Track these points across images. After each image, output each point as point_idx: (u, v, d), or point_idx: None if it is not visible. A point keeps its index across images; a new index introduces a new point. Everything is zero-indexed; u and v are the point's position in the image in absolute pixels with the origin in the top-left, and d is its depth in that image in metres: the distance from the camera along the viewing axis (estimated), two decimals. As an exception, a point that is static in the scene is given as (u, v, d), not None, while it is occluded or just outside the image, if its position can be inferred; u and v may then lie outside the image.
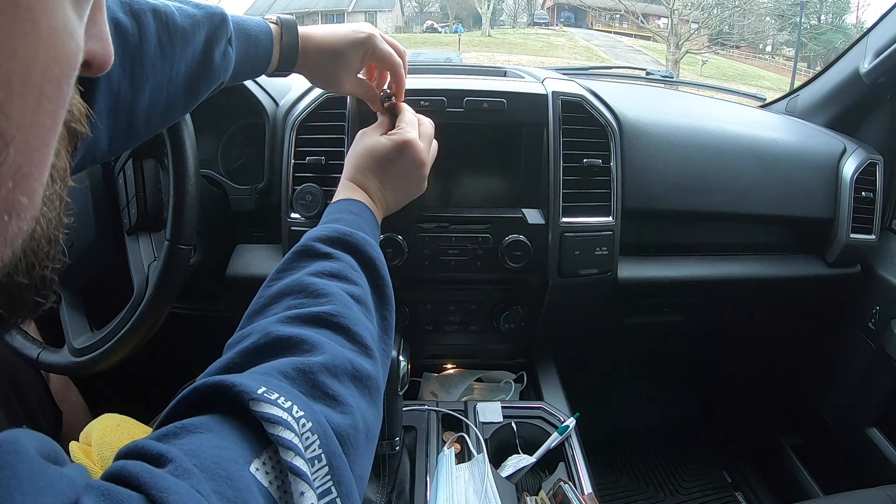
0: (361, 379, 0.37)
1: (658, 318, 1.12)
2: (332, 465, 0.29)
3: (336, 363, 0.35)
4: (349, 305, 0.41)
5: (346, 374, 0.36)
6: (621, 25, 19.10)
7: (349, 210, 0.53)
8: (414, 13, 20.25)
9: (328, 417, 0.32)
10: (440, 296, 0.87)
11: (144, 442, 0.26)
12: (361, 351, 0.39)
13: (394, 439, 0.66)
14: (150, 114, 0.47)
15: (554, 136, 0.80)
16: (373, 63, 0.64)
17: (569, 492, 0.64)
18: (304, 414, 0.30)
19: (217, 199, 0.82)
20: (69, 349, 0.67)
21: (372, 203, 0.56)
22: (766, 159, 0.93)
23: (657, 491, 1.28)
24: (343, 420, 0.33)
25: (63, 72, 0.19)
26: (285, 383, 0.32)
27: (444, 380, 0.96)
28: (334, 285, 0.42)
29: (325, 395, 0.34)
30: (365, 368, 0.38)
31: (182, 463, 0.24)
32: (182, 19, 0.46)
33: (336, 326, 0.39)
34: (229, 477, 0.25)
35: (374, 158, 0.58)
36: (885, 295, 0.99)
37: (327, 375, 0.34)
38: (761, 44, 16.79)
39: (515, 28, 19.83)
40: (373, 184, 0.58)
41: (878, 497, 0.76)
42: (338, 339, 0.38)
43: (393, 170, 0.58)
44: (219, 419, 0.29)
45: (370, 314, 0.44)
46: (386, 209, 0.60)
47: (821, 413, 1.18)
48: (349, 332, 0.39)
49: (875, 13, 1.07)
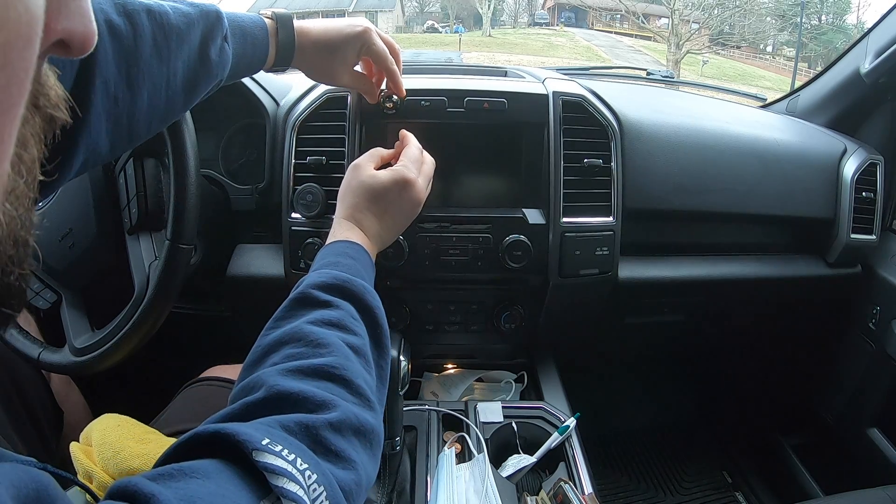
0: (364, 433, 0.37)
1: (658, 318, 1.12)
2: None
3: (342, 419, 0.35)
4: (349, 357, 0.40)
5: (351, 430, 0.36)
6: (622, 25, 19.10)
7: (347, 254, 0.51)
8: (414, 13, 20.25)
9: (333, 473, 0.32)
10: (441, 296, 0.87)
11: (137, 480, 0.25)
12: (364, 404, 0.39)
13: (394, 439, 0.66)
14: (151, 115, 0.46)
15: (554, 136, 0.80)
16: (369, 58, 0.64)
17: (569, 492, 0.64)
18: (308, 466, 0.29)
19: (218, 198, 0.82)
20: (70, 349, 0.67)
21: (369, 243, 0.55)
22: (767, 159, 0.93)
23: (657, 491, 1.28)
24: (347, 476, 0.33)
25: (9, 41, 0.16)
26: (289, 437, 0.32)
27: (445, 380, 0.96)
28: (333, 335, 0.41)
29: (328, 451, 0.33)
30: (368, 422, 0.37)
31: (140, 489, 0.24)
32: (176, 18, 0.46)
33: (339, 379, 0.38)
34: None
35: (371, 196, 0.56)
36: (885, 295, 0.99)
37: (331, 432, 0.34)
38: (762, 44, 16.79)
39: (516, 28, 19.84)
40: (370, 223, 0.56)
41: (878, 497, 0.75)
42: (341, 392, 0.38)
43: (390, 208, 0.56)
44: (218, 465, 0.28)
45: (369, 365, 0.43)
46: (381, 246, 0.59)
47: (821, 413, 1.18)
48: (351, 386, 0.39)
49: (875, 13, 1.08)
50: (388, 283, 0.83)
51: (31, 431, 0.74)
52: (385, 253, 0.78)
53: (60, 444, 0.81)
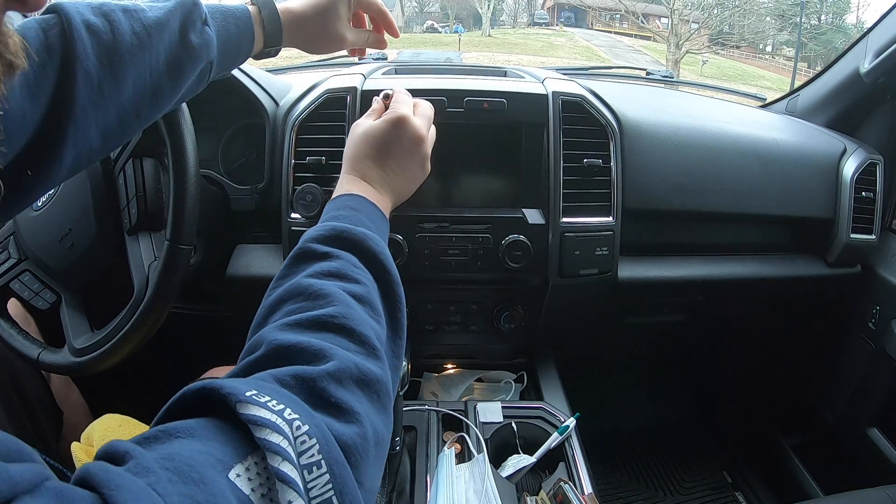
0: (369, 384, 0.35)
1: (658, 318, 1.12)
2: (333, 473, 0.27)
3: (341, 368, 0.33)
4: (351, 306, 0.39)
5: (352, 380, 0.34)
6: (621, 25, 19.10)
7: (347, 206, 0.49)
8: (414, 13, 20.25)
9: (330, 426, 0.30)
10: (440, 296, 0.87)
11: (116, 441, 0.25)
12: (368, 353, 0.37)
13: (394, 439, 0.66)
14: (138, 103, 0.47)
15: (554, 136, 0.80)
16: (360, 10, 0.64)
17: (569, 492, 0.64)
18: (299, 417, 0.27)
19: (217, 199, 0.82)
20: (69, 349, 0.67)
21: (375, 192, 0.53)
22: (767, 159, 0.93)
23: (657, 491, 1.28)
24: (348, 429, 0.31)
25: None
26: (282, 389, 0.30)
27: (445, 380, 0.96)
28: (334, 285, 0.40)
29: (327, 403, 0.31)
30: (372, 372, 0.35)
31: (143, 460, 0.23)
32: (152, 11, 0.48)
33: (338, 328, 0.36)
34: (202, 481, 0.23)
35: (369, 142, 0.54)
36: (885, 295, 0.99)
37: (330, 382, 0.32)
38: (761, 44, 16.79)
39: (516, 28, 19.84)
40: (373, 171, 0.54)
41: (878, 497, 0.75)
42: (341, 341, 0.36)
43: (391, 150, 0.54)
44: (204, 423, 0.27)
45: (376, 314, 0.41)
46: (393, 195, 0.55)
47: (821, 413, 1.18)
48: (353, 334, 0.37)
49: (875, 13, 1.08)
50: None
51: (30, 432, 0.74)
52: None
53: (60, 444, 0.81)
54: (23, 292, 0.70)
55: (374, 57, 1.22)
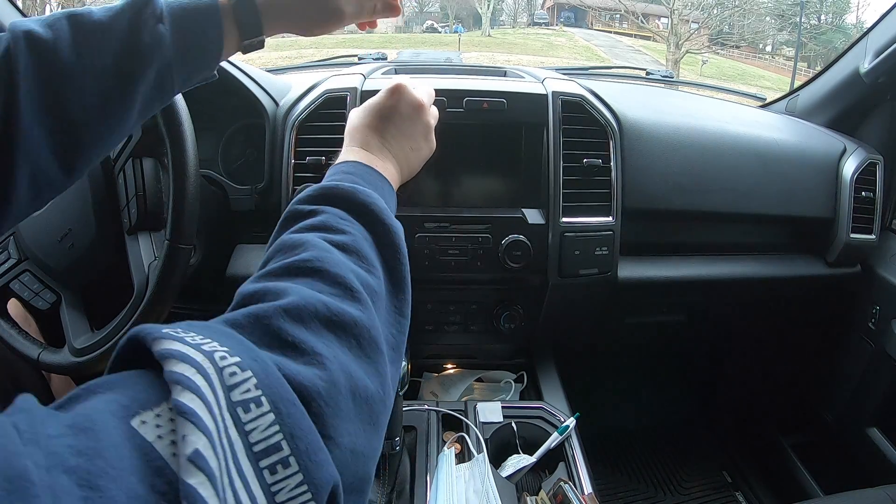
0: (343, 326, 0.31)
1: (658, 318, 1.12)
2: (280, 412, 0.23)
3: (301, 305, 0.29)
4: (329, 251, 0.35)
5: (318, 319, 0.30)
6: (621, 25, 19.10)
7: (340, 170, 0.46)
8: (414, 13, 20.25)
9: (281, 364, 0.26)
10: (440, 296, 0.87)
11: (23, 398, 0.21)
12: (344, 294, 0.33)
13: (394, 439, 0.66)
14: (88, 115, 0.45)
15: (554, 136, 0.80)
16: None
17: (569, 492, 0.64)
18: (228, 350, 0.24)
19: (217, 199, 0.82)
20: (69, 349, 0.67)
21: (375, 158, 0.50)
22: (767, 159, 0.93)
23: (657, 491, 1.28)
24: (307, 371, 0.26)
25: None
26: (231, 331, 0.27)
27: (445, 380, 0.96)
28: (313, 235, 0.37)
29: (283, 342, 0.28)
30: (347, 313, 0.31)
31: (19, 402, 0.21)
32: (99, 13, 0.45)
33: (310, 271, 0.33)
34: (92, 429, 0.20)
35: (367, 112, 0.53)
36: (885, 295, 0.99)
37: (286, 319, 0.28)
38: (761, 44, 16.79)
39: (515, 28, 19.84)
40: (372, 139, 0.51)
41: (878, 497, 0.75)
42: (311, 283, 0.32)
43: (390, 117, 0.52)
44: (129, 374, 0.24)
45: (367, 263, 0.37)
46: (396, 163, 0.52)
47: (821, 413, 1.18)
48: (326, 275, 0.33)
49: (875, 13, 1.08)
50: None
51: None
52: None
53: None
54: (23, 292, 0.70)
55: (374, 57, 1.22)
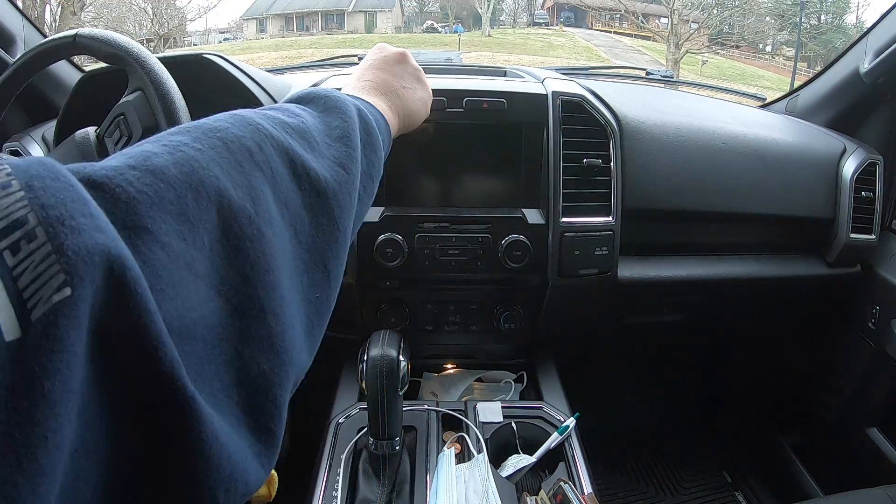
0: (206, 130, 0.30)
1: (658, 318, 1.12)
2: (32, 187, 0.18)
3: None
4: (253, 123, 0.33)
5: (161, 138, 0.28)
6: (621, 25, 19.10)
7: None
8: (414, 13, 20.26)
9: (79, 171, 0.22)
10: (440, 296, 0.87)
11: None
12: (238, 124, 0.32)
13: (394, 439, 0.66)
14: None
15: (554, 136, 0.80)
16: None
17: (569, 492, 0.64)
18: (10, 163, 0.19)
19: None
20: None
21: (363, 91, 0.49)
22: (767, 159, 0.93)
23: (657, 491, 1.28)
24: (117, 164, 0.24)
25: None
26: None
27: (444, 380, 0.96)
28: (252, 123, 0.34)
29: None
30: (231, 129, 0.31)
31: None
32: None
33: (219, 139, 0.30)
34: None
35: (356, 71, 0.54)
36: (885, 295, 0.99)
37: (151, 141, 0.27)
38: (761, 44, 16.80)
39: (515, 28, 19.85)
40: (361, 81, 0.51)
41: (878, 497, 0.75)
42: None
43: (378, 64, 0.54)
44: None
45: (315, 145, 0.34)
46: (388, 98, 0.51)
47: (821, 413, 1.18)
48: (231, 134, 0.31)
49: (875, 13, 1.08)
50: (387, 284, 0.83)
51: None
52: (384, 254, 0.78)
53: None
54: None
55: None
